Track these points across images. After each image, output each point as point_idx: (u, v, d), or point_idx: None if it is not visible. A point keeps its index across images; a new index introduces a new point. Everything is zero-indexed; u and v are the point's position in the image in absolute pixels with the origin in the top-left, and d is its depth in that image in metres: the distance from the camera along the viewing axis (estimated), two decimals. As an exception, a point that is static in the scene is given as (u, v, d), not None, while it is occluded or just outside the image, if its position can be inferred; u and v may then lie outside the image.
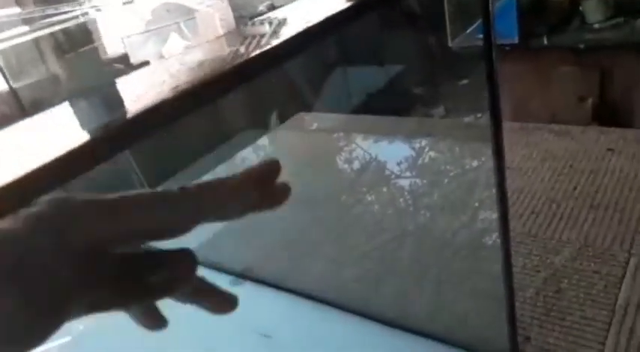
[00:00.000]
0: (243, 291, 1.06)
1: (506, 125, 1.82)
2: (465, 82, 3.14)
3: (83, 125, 0.39)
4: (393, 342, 0.89)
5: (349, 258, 1.14)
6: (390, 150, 1.57)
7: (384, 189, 1.41)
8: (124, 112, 0.37)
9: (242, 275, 1.10)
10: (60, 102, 0.42)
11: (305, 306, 0.99)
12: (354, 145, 1.62)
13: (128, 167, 1.60)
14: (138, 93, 0.43)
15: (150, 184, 1.59)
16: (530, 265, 1.02)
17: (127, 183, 1.57)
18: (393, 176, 1.46)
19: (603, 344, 0.84)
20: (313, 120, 1.76)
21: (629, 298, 0.91)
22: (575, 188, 1.20)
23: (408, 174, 1.46)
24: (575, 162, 1.29)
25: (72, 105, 0.44)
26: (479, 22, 0.61)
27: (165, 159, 1.58)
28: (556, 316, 0.91)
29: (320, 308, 0.99)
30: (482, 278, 0.97)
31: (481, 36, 0.59)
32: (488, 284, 0.93)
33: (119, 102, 0.41)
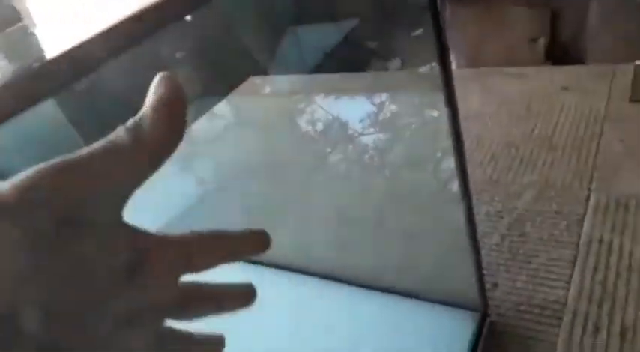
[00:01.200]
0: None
1: (462, 72, 1.80)
2: (418, 32, 3.10)
3: None
4: (360, 301, 0.88)
5: (316, 220, 1.12)
6: (347, 108, 1.54)
7: (347, 148, 1.38)
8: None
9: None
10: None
11: (273, 273, 0.97)
12: (310, 106, 1.58)
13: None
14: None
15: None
16: (494, 211, 1.02)
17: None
18: (355, 134, 1.43)
19: (569, 282, 0.85)
20: (266, 84, 1.70)
21: (592, 234, 0.92)
22: (532, 130, 1.20)
23: (368, 130, 1.43)
24: (531, 104, 1.28)
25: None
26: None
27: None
28: (522, 260, 0.91)
29: (285, 274, 0.97)
30: (447, 231, 0.96)
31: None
32: (454, 235, 0.93)
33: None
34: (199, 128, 1.57)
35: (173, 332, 0.29)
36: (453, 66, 2.56)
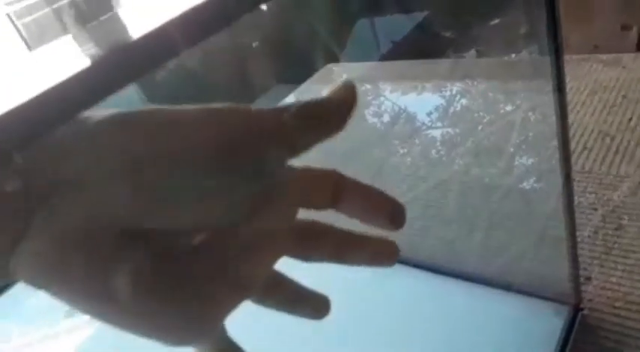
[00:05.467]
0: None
1: (546, 59, 1.72)
2: (495, 21, 2.98)
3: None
4: (445, 289, 0.87)
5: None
6: (424, 95, 1.51)
7: (423, 137, 1.36)
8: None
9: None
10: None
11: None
12: (386, 93, 1.56)
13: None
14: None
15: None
16: (586, 203, 0.97)
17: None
18: (424, 126, 1.41)
19: (672, 280, 0.79)
20: (343, 72, 1.70)
21: (698, 231, 0.85)
22: (630, 119, 1.12)
23: (443, 121, 1.40)
24: (628, 92, 1.20)
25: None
26: None
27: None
28: (618, 254, 0.86)
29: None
30: (537, 220, 0.93)
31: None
32: (543, 226, 0.89)
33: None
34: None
35: (283, 278, 0.29)
36: (527, 54, 2.45)
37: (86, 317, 0.21)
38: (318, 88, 1.63)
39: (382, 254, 0.32)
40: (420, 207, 1.08)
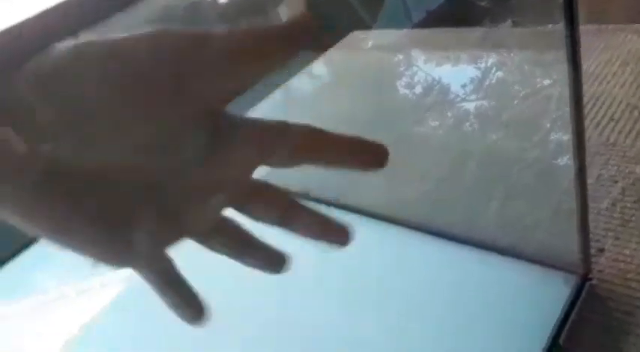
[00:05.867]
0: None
1: (582, 28, 1.66)
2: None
3: None
4: (459, 257, 0.88)
5: (411, 176, 1.12)
6: (457, 66, 1.49)
7: (456, 110, 1.35)
8: None
9: (300, 195, 1.10)
10: None
11: (366, 223, 1.00)
12: (418, 63, 1.55)
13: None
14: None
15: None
16: (607, 175, 0.96)
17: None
18: (458, 98, 1.39)
19: (688, 254, 0.79)
20: (369, 39, 1.69)
21: None
22: (661, 92, 1.09)
23: (474, 93, 1.38)
24: (662, 64, 1.16)
25: None
26: None
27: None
28: (635, 227, 0.85)
29: (381, 225, 0.99)
30: (554, 192, 0.92)
31: None
32: (560, 197, 0.89)
33: None
34: (299, 81, 1.61)
35: (235, 225, 0.30)
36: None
37: (113, 271, 0.24)
38: (343, 54, 1.63)
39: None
40: (441, 178, 1.09)
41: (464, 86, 1.43)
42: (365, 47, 1.67)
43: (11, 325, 1.03)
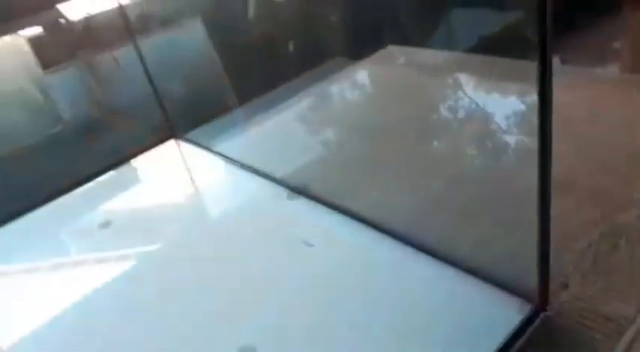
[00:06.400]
0: (298, 204, 1.13)
1: (627, 77, 1.66)
2: (586, 31, 2.87)
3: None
4: (415, 265, 0.92)
5: (409, 187, 1.15)
6: (502, 95, 1.51)
7: (497, 140, 1.36)
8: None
9: (299, 191, 1.16)
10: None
11: (354, 226, 1.04)
12: (439, 82, 1.58)
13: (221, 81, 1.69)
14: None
15: (240, 101, 1.67)
16: (590, 218, 0.97)
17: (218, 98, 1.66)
18: (500, 130, 1.40)
19: (646, 305, 0.80)
20: (401, 54, 1.73)
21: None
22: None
23: (519, 127, 1.38)
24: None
25: None
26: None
27: (255, 78, 1.65)
28: (603, 271, 0.87)
29: (366, 230, 1.03)
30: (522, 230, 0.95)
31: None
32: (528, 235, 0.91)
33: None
34: (328, 86, 1.66)
35: None
36: (616, 69, 2.33)
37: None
38: (373, 67, 1.68)
39: None
40: (438, 196, 1.12)
41: (508, 118, 1.41)
42: (397, 61, 1.71)
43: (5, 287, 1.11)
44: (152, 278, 1.02)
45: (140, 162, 1.44)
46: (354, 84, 1.71)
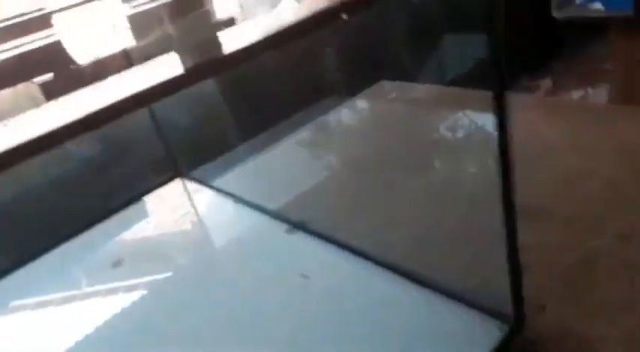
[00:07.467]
0: (296, 239, 1.20)
1: (613, 107, 1.72)
2: (573, 54, 2.97)
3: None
4: (395, 290, 0.98)
5: (402, 223, 1.21)
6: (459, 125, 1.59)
7: (453, 165, 1.44)
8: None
9: (297, 226, 1.23)
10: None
11: (351, 259, 1.10)
12: (426, 118, 1.65)
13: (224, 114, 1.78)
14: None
15: (241, 139, 1.76)
16: (569, 243, 1.03)
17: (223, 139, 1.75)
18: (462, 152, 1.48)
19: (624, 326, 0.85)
20: (393, 89, 1.82)
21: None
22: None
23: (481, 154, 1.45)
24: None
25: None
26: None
27: (253, 116, 1.74)
28: (581, 295, 0.93)
29: (363, 263, 1.09)
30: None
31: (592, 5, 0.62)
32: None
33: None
34: (326, 121, 1.74)
35: None
36: (604, 99, 2.40)
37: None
38: (365, 103, 1.77)
39: None
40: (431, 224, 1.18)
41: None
42: (388, 97, 1.79)
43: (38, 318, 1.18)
44: (161, 306, 1.09)
45: (147, 202, 1.52)
46: (349, 118, 1.78)
